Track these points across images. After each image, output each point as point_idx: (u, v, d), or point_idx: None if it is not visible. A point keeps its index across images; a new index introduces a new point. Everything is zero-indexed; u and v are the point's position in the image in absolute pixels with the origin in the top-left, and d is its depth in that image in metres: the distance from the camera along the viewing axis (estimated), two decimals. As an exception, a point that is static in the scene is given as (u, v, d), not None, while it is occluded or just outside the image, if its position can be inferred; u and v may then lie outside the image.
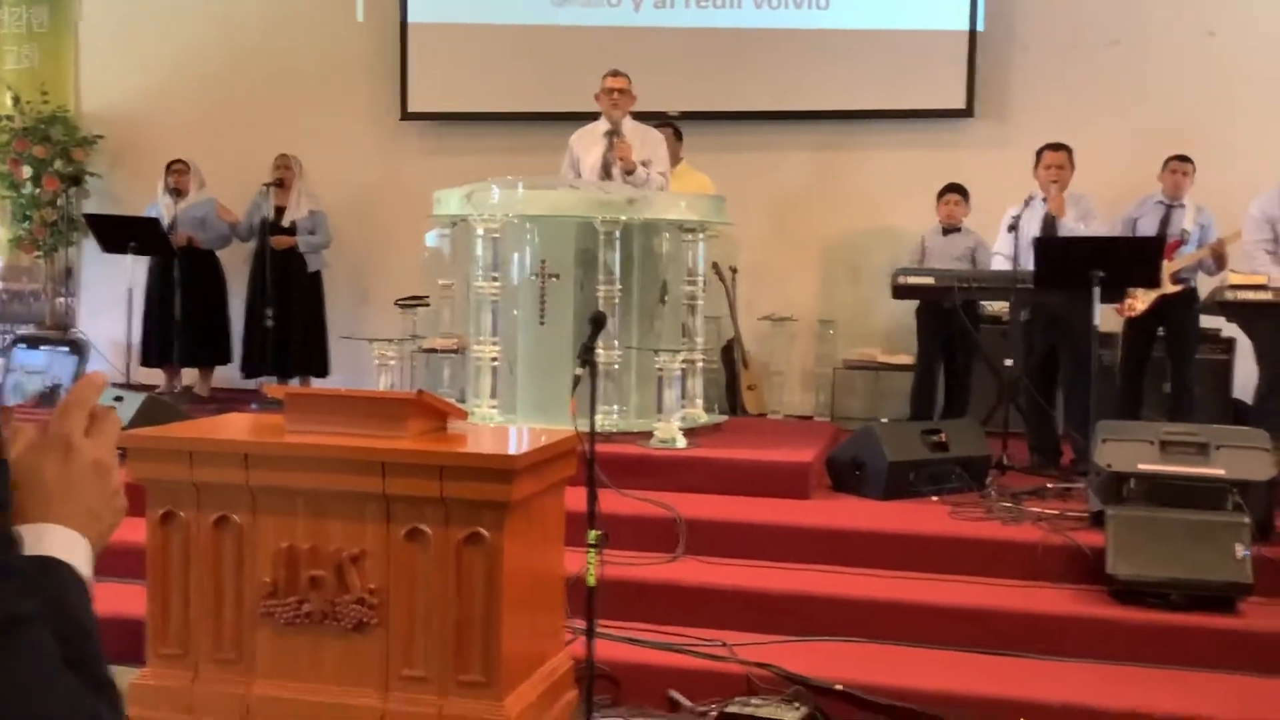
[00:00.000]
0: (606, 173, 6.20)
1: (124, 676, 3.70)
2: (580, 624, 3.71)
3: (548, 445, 3.58)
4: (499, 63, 8.33)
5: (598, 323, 3.49)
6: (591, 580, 3.45)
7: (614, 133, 6.22)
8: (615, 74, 6.30)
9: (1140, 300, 6.44)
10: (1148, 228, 6.53)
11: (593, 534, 3.40)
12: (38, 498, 0.99)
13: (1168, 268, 6.40)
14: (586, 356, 3.40)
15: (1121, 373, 6.75)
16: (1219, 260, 6.33)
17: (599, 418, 5.68)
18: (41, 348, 7.83)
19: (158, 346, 7.90)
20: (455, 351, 6.16)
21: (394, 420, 3.55)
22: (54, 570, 0.97)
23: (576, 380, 3.35)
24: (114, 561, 4.50)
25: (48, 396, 7.41)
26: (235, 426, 3.84)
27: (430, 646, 3.40)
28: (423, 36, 8.43)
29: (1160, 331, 6.53)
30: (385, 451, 3.40)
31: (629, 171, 6.10)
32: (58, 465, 1.01)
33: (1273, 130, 7.31)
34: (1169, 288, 6.37)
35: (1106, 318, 6.71)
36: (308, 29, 8.68)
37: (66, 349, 6.53)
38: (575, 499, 3.77)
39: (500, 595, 3.36)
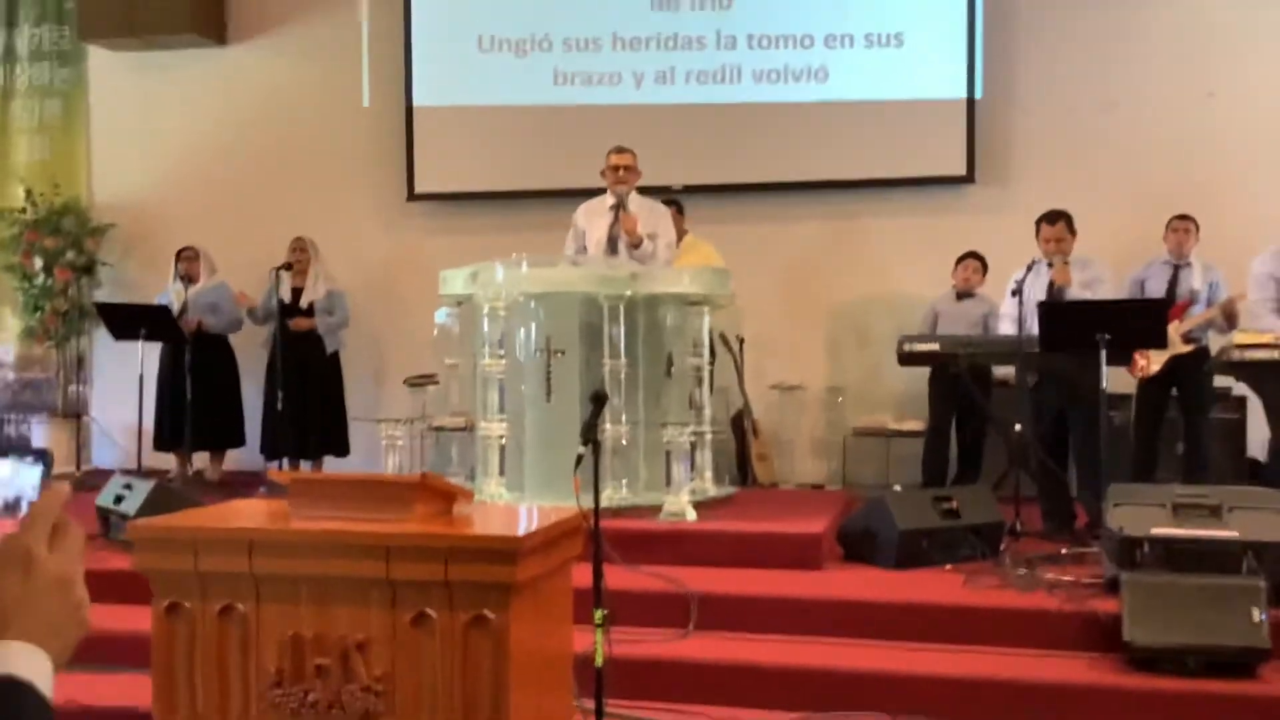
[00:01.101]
0: (613, 247, 6.25)
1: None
2: (590, 704, 3.67)
3: (553, 525, 3.56)
4: (503, 142, 8.44)
5: (599, 400, 3.49)
6: (599, 660, 3.41)
7: (619, 207, 6.27)
8: (620, 150, 6.37)
9: (1153, 361, 6.42)
10: (1155, 289, 6.54)
11: (599, 613, 3.37)
12: None
13: (1178, 328, 6.39)
14: (589, 435, 3.40)
15: (1135, 434, 6.72)
16: (1230, 319, 6.32)
17: (608, 493, 5.72)
18: (7, 456, 7.83)
19: (169, 431, 7.93)
20: (463, 430, 6.17)
21: (399, 504, 3.54)
22: (13, 693, 0.96)
23: (579, 459, 3.35)
24: (121, 652, 4.50)
25: (10, 508, 7.41)
26: (239, 514, 3.83)
27: (438, 733, 3.36)
28: (428, 119, 8.55)
29: (1174, 392, 6.51)
30: (389, 536, 3.38)
31: (635, 245, 6.14)
32: (18, 580, 1.01)
33: (1277, 188, 7.34)
34: (1181, 348, 6.36)
35: (1120, 379, 6.70)
36: (315, 115, 8.81)
37: (30, 458, 6.57)
38: (583, 576, 3.74)
39: (507, 678, 3.33)
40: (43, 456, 1.14)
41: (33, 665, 0.98)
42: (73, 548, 1.05)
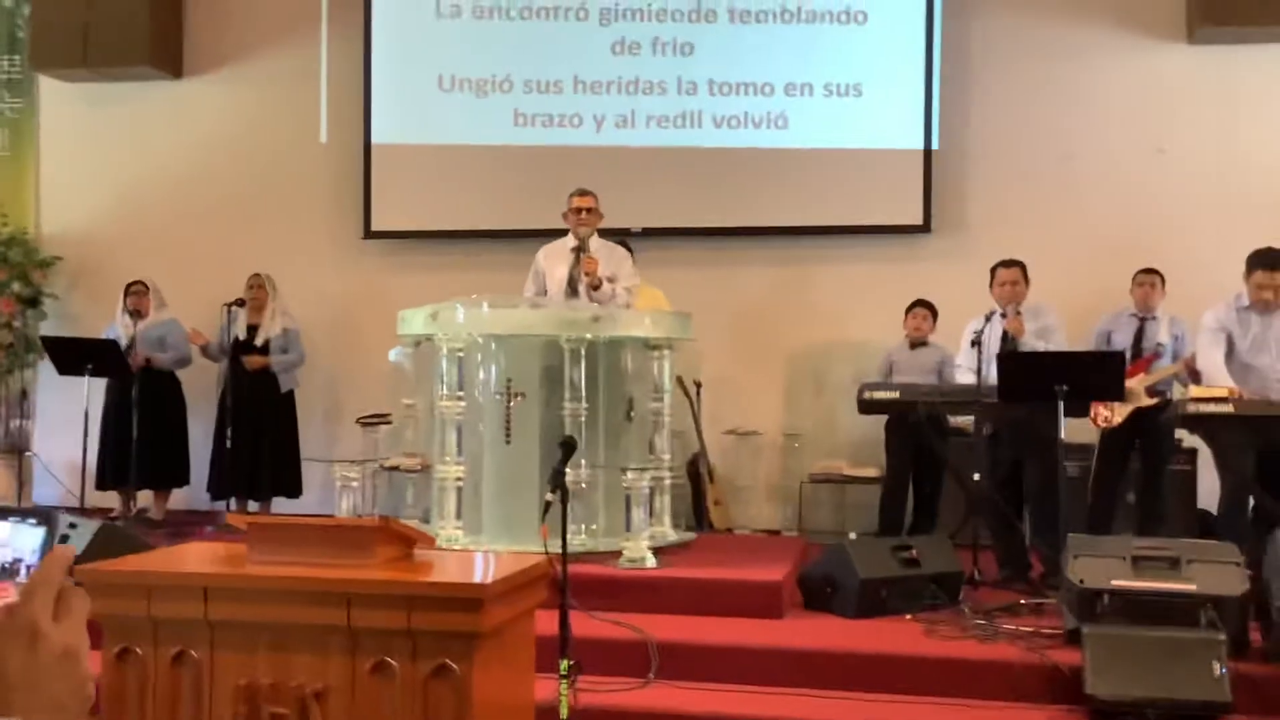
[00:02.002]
0: (573, 289, 6.22)
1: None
2: (551, 756, 3.60)
3: (519, 572, 3.49)
4: (462, 182, 8.40)
5: (568, 447, 3.45)
6: (564, 712, 3.34)
7: (580, 249, 6.25)
8: (583, 193, 6.36)
9: (1116, 413, 6.48)
10: (1121, 341, 6.61)
11: (564, 664, 3.31)
12: (0, 689, 0.93)
13: (1144, 380, 6.46)
14: (557, 481, 3.35)
15: (1095, 484, 6.76)
16: (1194, 375, 6.40)
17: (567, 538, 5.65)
18: (9, 519, 7.63)
19: (113, 468, 7.75)
20: (418, 471, 6.08)
21: (359, 549, 3.46)
22: None
23: (547, 506, 3.29)
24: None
25: (8, 572, 7.21)
26: (194, 558, 3.73)
27: (397, 786, 3.27)
28: (386, 157, 8.49)
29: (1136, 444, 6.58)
30: (351, 582, 3.30)
31: (595, 286, 6.12)
32: (23, 654, 0.94)
33: (1226, 243, 7.46)
34: (1145, 400, 6.43)
35: (1079, 428, 6.75)
36: (271, 150, 8.73)
37: (34, 520, 6.38)
38: (545, 622, 3.67)
39: (469, 730, 3.25)
40: (46, 518, 1.08)
41: None
42: (78, 617, 0.99)
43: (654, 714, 4.34)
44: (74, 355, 7.42)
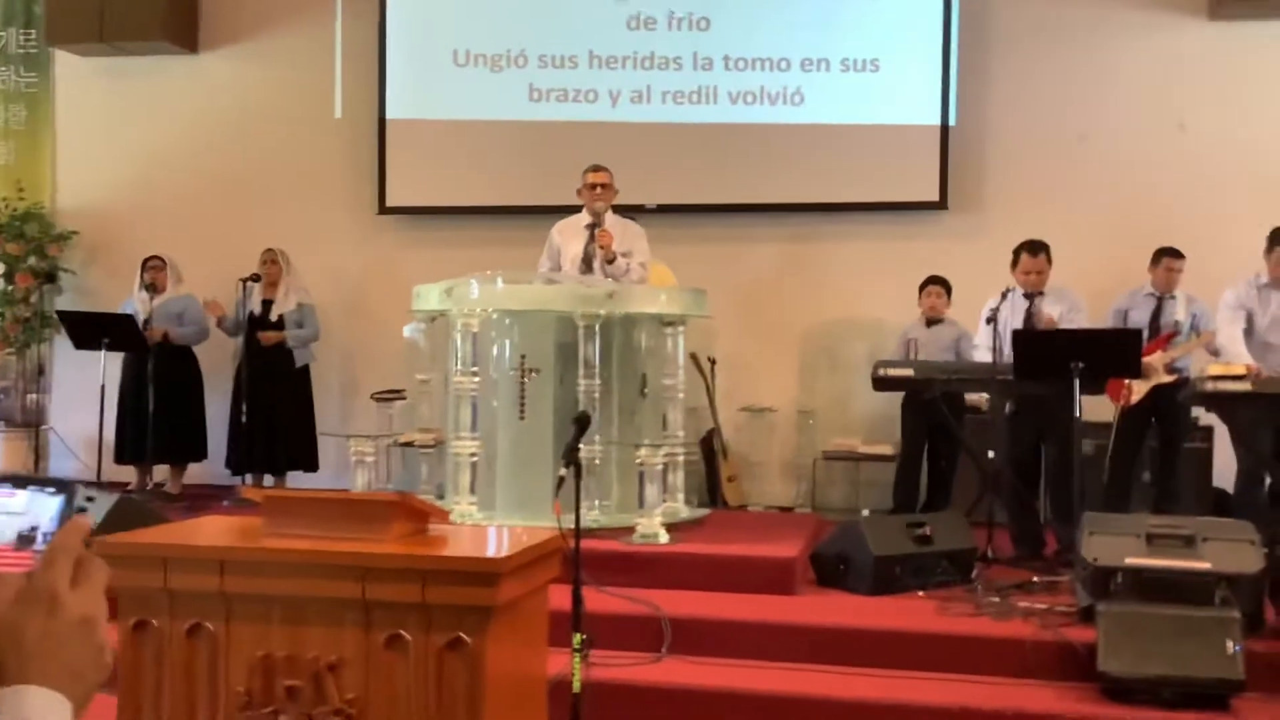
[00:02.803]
0: (588, 264, 6.21)
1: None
2: (565, 730, 3.61)
3: (533, 546, 3.50)
4: (477, 157, 8.39)
5: (582, 423, 3.45)
6: (577, 686, 3.36)
7: (595, 225, 6.24)
8: (597, 169, 6.34)
9: (1135, 390, 6.46)
10: (1139, 320, 6.59)
11: (578, 638, 3.32)
12: (17, 656, 0.93)
13: (1162, 358, 6.43)
14: (571, 457, 3.35)
15: (1112, 462, 6.74)
16: (1215, 352, 6.37)
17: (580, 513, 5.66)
18: (27, 488, 7.67)
19: (131, 443, 7.78)
20: (433, 447, 6.09)
21: (375, 523, 3.47)
22: None
23: (561, 481, 3.30)
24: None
25: (25, 540, 7.26)
26: (211, 531, 3.75)
27: (411, 758, 3.29)
28: (401, 132, 8.48)
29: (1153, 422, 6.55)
30: (366, 556, 3.32)
31: (609, 261, 6.11)
32: (41, 621, 0.95)
33: (1248, 219, 7.41)
34: (1163, 378, 6.40)
35: (1099, 407, 6.73)
36: (286, 125, 8.72)
37: (51, 490, 6.40)
38: (558, 597, 3.68)
39: (482, 703, 3.26)
40: (64, 487, 1.09)
41: (54, 712, 0.92)
42: (96, 586, 0.99)
43: (666, 689, 4.35)
44: (90, 330, 7.44)
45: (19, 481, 6.78)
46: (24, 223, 8.62)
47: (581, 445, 5.18)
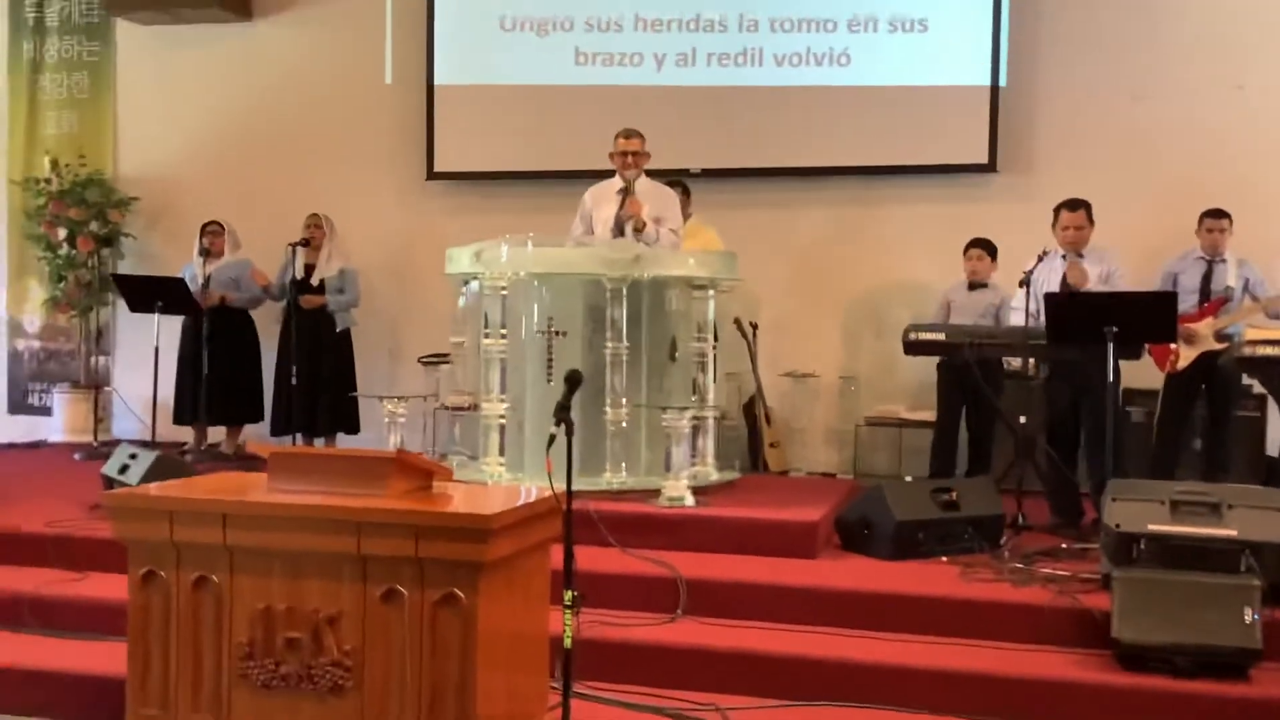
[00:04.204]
0: (620, 230, 6.21)
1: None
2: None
3: (527, 505, 3.56)
4: (523, 122, 8.41)
5: (573, 382, 3.47)
6: (568, 642, 3.39)
7: (627, 191, 6.24)
8: (629, 135, 6.32)
9: (1181, 357, 6.32)
10: (1189, 284, 6.44)
11: (568, 594, 3.36)
12: None
13: (1212, 324, 6.28)
14: (561, 415, 3.38)
15: (1159, 430, 6.62)
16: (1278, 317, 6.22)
17: (607, 475, 5.71)
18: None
19: (190, 404, 7.96)
20: (466, 409, 6.16)
21: (374, 480, 3.54)
22: None
23: (552, 439, 3.33)
24: (99, 619, 4.53)
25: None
26: (217, 486, 3.85)
27: (405, 710, 3.37)
28: (448, 97, 8.54)
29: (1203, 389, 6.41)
30: (361, 511, 3.39)
31: (639, 229, 6.11)
32: None
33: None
34: (1213, 344, 6.25)
35: (1145, 373, 6.59)
36: (337, 91, 8.82)
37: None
38: (583, 559, 3.69)
39: (475, 657, 3.33)
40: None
41: None
42: None
43: (676, 648, 4.37)
44: (144, 293, 7.62)
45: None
46: (85, 188, 8.83)
47: (608, 406, 5.20)
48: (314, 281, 7.85)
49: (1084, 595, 4.54)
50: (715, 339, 6.26)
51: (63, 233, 8.80)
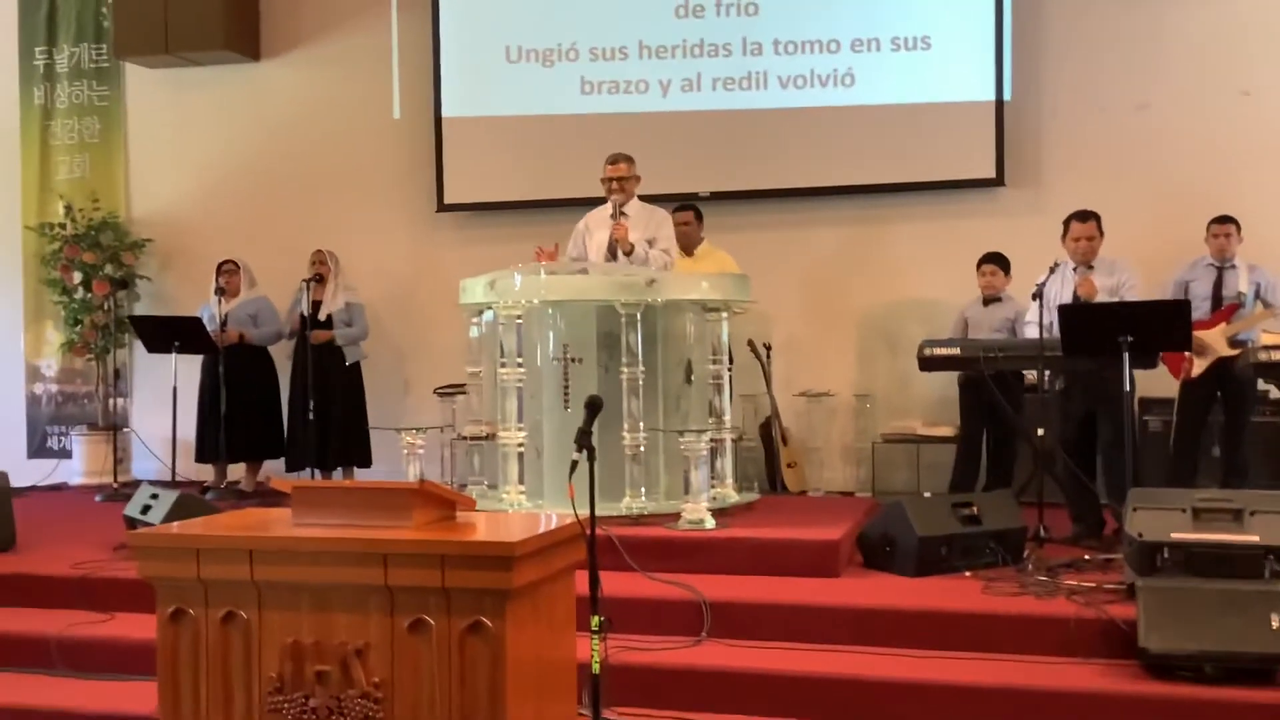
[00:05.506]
0: (612, 253, 6.27)
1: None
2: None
3: (551, 531, 3.56)
4: (531, 152, 8.47)
5: (593, 407, 3.49)
6: (596, 667, 3.40)
7: (615, 215, 6.30)
8: (614, 160, 6.41)
9: (1196, 365, 6.32)
10: (1200, 291, 6.44)
11: (595, 620, 3.37)
12: None
13: (1225, 331, 6.28)
14: (583, 441, 3.40)
15: (1176, 438, 6.61)
16: None
17: (626, 500, 5.72)
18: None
19: (211, 442, 8.01)
20: (484, 439, 6.18)
21: (399, 511, 3.56)
22: None
23: (574, 465, 3.35)
24: (127, 659, 4.56)
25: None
26: (242, 522, 3.86)
27: (436, 739, 3.37)
28: (457, 130, 8.60)
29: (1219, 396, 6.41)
30: (386, 543, 3.40)
31: (627, 252, 6.17)
32: None
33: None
34: (1227, 351, 6.25)
35: (1161, 382, 6.59)
36: (347, 127, 8.90)
37: None
38: (607, 584, 3.70)
39: (504, 685, 3.33)
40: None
41: None
42: None
43: (703, 671, 4.38)
44: (161, 334, 7.67)
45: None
46: (99, 232, 8.91)
47: (625, 433, 5.21)
48: (321, 316, 7.90)
49: (1109, 606, 4.53)
50: (730, 361, 6.28)
51: (78, 276, 8.87)
